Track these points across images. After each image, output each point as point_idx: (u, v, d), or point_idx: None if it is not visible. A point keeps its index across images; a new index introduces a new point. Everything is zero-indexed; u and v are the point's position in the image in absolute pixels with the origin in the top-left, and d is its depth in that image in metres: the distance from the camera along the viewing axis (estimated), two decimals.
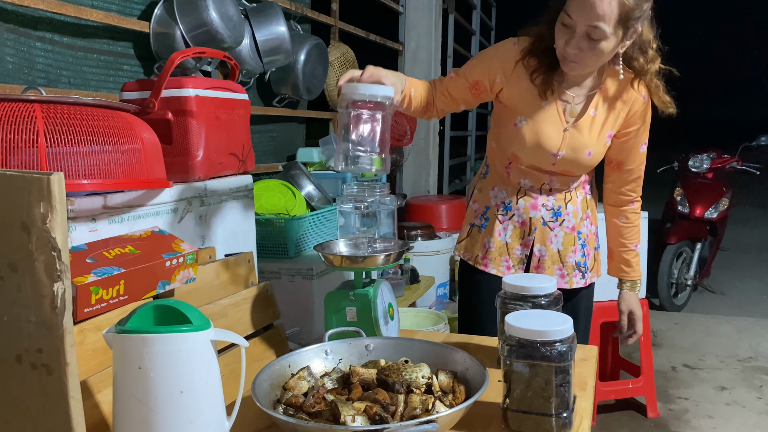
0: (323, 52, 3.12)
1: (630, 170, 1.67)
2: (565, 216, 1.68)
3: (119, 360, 0.85)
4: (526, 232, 1.69)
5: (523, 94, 1.58)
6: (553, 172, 1.64)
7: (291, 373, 1.12)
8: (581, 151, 1.59)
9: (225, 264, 1.41)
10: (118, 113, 1.27)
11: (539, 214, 1.68)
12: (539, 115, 1.58)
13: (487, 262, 1.71)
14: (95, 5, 2.00)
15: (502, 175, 1.71)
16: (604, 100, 1.59)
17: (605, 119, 1.59)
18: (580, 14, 1.41)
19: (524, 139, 1.59)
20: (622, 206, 1.73)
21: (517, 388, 1.03)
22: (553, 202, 1.67)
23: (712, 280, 5.16)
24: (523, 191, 1.68)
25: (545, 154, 1.59)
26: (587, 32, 1.42)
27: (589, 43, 1.43)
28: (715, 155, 4.89)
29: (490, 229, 1.71)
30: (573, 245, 1.69)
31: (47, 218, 0.66)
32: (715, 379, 3.34)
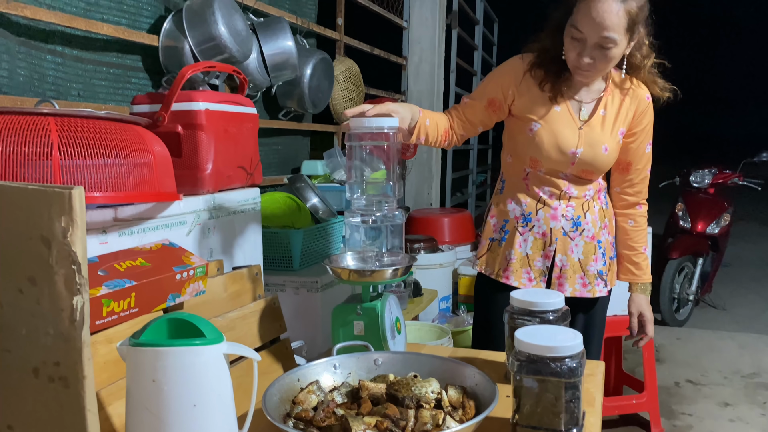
0: (329, 66, 3.15)
1: (638, 170, 1.73)
2: (584, 225, 1.70)
3: (133, 373, 0.85)
4: (547, 243, 1.71)
5: (535, 101, 1.64)
6: (571, 176, 1.67)
7: (300, 387, 1.12)
8: (598, 147, 1.64)
9: (233, 277, 1.41)
10: (129, 126, 1.29)
11: (559, 225, 1.70)
12: (553, 118, 1.64)
13: (509, 275, 1.73)
14: (105, 19, 2.02)
15: (520, 188, 1.73)
16: (612, 101, 1.66)
17: (615, 117, 1.65)
18: (591, 28, 1.47)
19: (542, 142, 1.64)
20: (630, 209, 1.77)
21: (526, 404, 1.03)
22: (572, 212, 1.70)
23: (714, 296, 5.15)
24: (542, 202, 1.70)
25: (564, 154, 1.64)
26: (599, 43, 1.48)
27: (600, 52, 1.50)
28: (716, 171, 4.90)
29: (510, 242, 1.73)
30: (594, 254, 1.71)
31: (68, 232, 0.67)
32: (718, 395, 3.33)
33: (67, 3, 1.89)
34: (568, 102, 1.65)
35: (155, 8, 2.23)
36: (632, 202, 1.77)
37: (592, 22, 1.46)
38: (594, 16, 1.46)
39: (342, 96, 3.50)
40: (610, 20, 1.45)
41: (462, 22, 5.74)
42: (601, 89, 1.66)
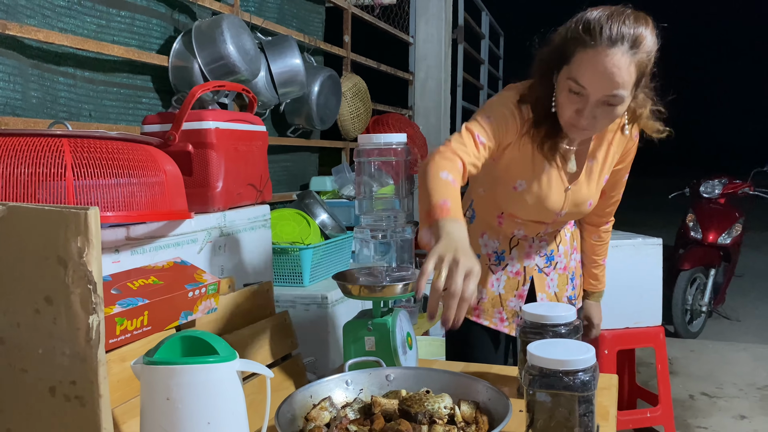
0: (336, 83, 3.17)
1: (612, 196, 1.67)
2: (557, 258, 1.68)
3: (147, 391, 0.85)
4: (521, 282, 1.66)
5: (526, 159, 1.48)
6: (552, 223, 1.62)
7: (313, 403, 1.12)
8: (583, 205, 1.57)
9: (244, 294, 1.42)
10: (141, 146, 1.30)
11: (533, 263, 1.65)
12: (541, 179, 1.50)
13: (480, 314, 1.67)
14: (116, 40, 2.05)
15: (492, 224, 1.64)
16: (599, 147, 1.53)
17: (602, 166, 1.55)
18: (597, 84, 1.28)
19: (525, 203, 1.53)
20: (599, 227, 1.75)
21: (540, 418, 1.02)
22: (545, 247, 1.66)
23: (726, 307, 5.11)
24: (515, 240, 1.64)
25: (548, 213, 1.56)
26: (602, 99, 1.30)
27: (604, 110, 1.32)
28: (726, 181, 4.88)
29: (483, 280, 1.62)
30: (567, 284, 1.71)
31: (84, 252, 0.68)
32: (734, 408, 3.29)
33: (79, 26, 1.92)
34: (557, 156, 1.48)
35: (165, 29, 2.27)
36: (602, 221, 1.74)
37: (598, 77, 1.27)
38: (602, 71, 1.26)
39: (349, 112, 3.52)
40: (620, 77, 1.26)
41: (468, 36, 5.77)
42: (590, 138, 1.50)
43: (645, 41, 1.28)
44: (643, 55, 1.28)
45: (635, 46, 1.27)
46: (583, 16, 1.31)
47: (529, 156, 1.48)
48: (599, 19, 1.28)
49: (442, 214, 1.17)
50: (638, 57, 1.27)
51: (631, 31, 1.26)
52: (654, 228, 5.28)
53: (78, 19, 1.92)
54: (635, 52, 1.27)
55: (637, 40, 1.26)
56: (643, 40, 1.27)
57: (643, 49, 1.28)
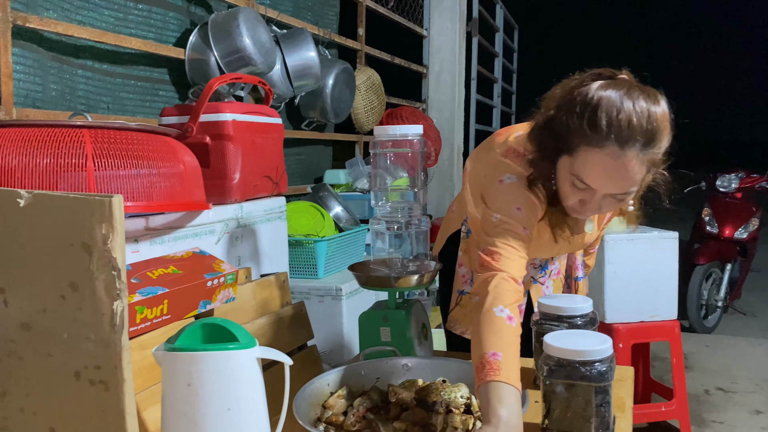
0: (350, 76, 3.17)
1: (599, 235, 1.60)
2: (551, 267, 1.61)
3: (168, 377, 0.87)
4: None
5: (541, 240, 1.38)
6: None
7: (330, 391, 1.14)
8: (581, 246, 1.52)
9: (261, 284, 1.43)
10: (161, 137, 1.32)
11: (528, 276, 1.58)
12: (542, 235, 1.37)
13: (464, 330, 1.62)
14: (133, 33, 2.07)
15: None
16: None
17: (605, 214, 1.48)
18: (606, 185, 1.16)
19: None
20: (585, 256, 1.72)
21: (556, 409, 1.03)
22: (539, 261, 1.58)
23: (742, 302, 5.06)
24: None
25: (547, 255, 1.54)
26: (612, 196, 1.18)
27: (612, 201, 1.20)
28: (743, 174, 4.83)
29: None
30: (561, 288, 1.67)
31: (108, 239, 0.69)
32: (749, 403, 3.27)
33: (97, 18, 1.94)
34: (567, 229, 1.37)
35: (181, 22, 2.28)
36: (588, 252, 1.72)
37: (607, 179, 1.14)
38: (611, 174, 1.13)
39: (363, 105, 3.53)
40: (631, 178, 1.14)
41: (482, 29, 5.75)
42: None
43: (659, 134, 1.12)
44: (657, 150, 1.13)
45: (649, 145, 1.11)
46: (586, 102, 1.13)
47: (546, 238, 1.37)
48: (607, 111, 1.10)
49: (490, 375, 0.98)
50: (651, 155, 1.13)
51: (643, 127, 1.10)
52: (669, 222, 5.23)
53: (96, 12, 1.94)
54: (649, 150, 1.11)
55: (651, 138, 1.11)
56: (656, 133, 1.11)
57: (659, 145, 1.13)
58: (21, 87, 1.66)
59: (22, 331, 0.78)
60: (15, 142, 1.13)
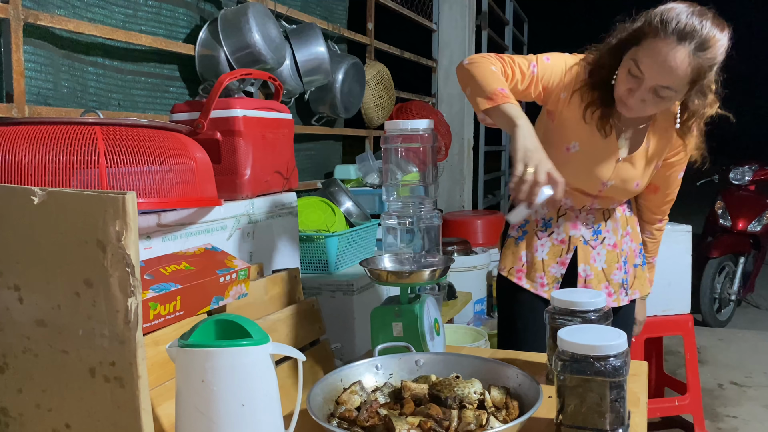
0: (360, 71, 3.17)
1: (667, 194, 1.70)
2: (605, 233, 1.67)
3: (182, 374, 0.87)
4: (564, 250, 1.67)
5: (580, 121, 1.53)
6: (597, 196, 1.64)
7: (343, 387, 1.13)
8: (630, 182, 1.60)
9: (273, 280, 1.43)
10: (172, 134, 1.32)
11: (579, 233, 1.67)
12: (594, 146, 1.55)
13: (522, 276, 1.71)
14: (144, 30, 2.07)
15: None
16: (655, 133, 1.57)
17: (656, 151, 1.59)
18: (653, 71, 1.34)
19: (576, 167, 1.56)
20: (651, 224, 1.76)
21: (571, 404, 1.02)
22: (592, 220, 1.67)
23: (756, 295, 5.03)
24: (563, 209, 1.67)
25: (595, 181, 1.60)
26: (656, 89, 1.36)
27: (654, 98, 1.39)
28: (757, 167, 4.79)
29: (528, 244, 1.70)
30: (617, 262, 1.68)
31: (122, 236, 0.69)
32: (764, 397, 3.25)
33: (108, 16, 1.94)
34: (607, 128, 1.52)
35: (191, 18, 2.28)
36: (655, 218, 1.75)
37: (656, 66, 1.33)
38: (661, 61, 1.32)
39: (373, 100, 3.52)
40: (677, 72, 1.32)
41: (492, 22, 5.71)
42: (647, 125, 1.56)
43: (713, 47, 1.31)
44: (705, 59, 1.31)
45: (701, 49, 1.30)
46: (667, 8, 1.35)
47: (579, 118, 1.53)
48: (678, 13, 1.32)
49: (504, 100, 1.38)
50: (700, 60, 1.31)
51: (702, 32, 1.30)
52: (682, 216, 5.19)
53: (106, 9, 1.94)
54: (699, 54, 1.30)
55: (704, 44, 1.30)
56: (711, 45, 1.31)
57: (708, 54, 1.31)
58: (33, 85, 1.67)
59: (37, 327, 0.78)
60: (28, 139, 1.13)
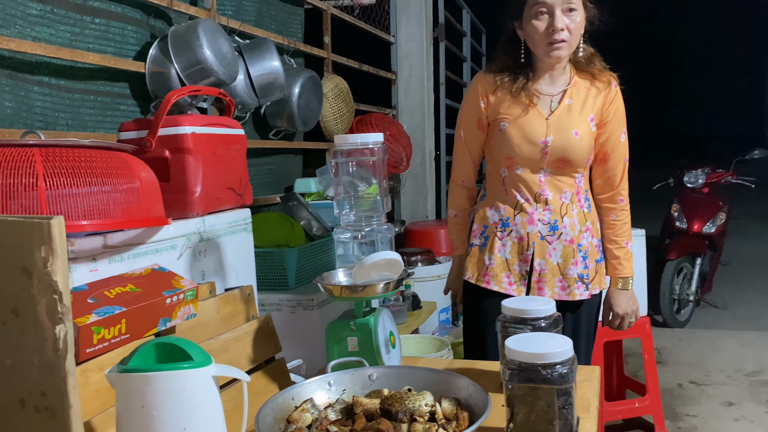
0: (317, 85, 3.17)
1: (616, 159, 1.76)
2: (562, 229, 1.72)
3: (122, 399, 0.85)
4: (524, 247, 1.74)
5: (502, 102, 1.72)
6: (548, 174, 1.71)
7: (294, 405, 1.12)
8: (568, 132, 1.68)
9: (225, 298, 1.41)
10: (115, 153, 1.29)
11: (536, 229, 1.72)
12: (520, 114, 1.70)
13: (489, 279, 1.77)
14: (91, 48, 2.04)
15: (499, 194, 1.78)
16: (578, 91, 1.72)
17: (583, 104, 1.71)
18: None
19: (512, 137, 1.70)
20: (611, 203, 1.80)
21: (520, 412, 1.03)
22: (549, 216, 1.72)
23: (714, 295, 5.15)
24: (519, 207, 1.73)
25: (534, 144, 1.68)
26: (565, 6, 1.60)
27: (569, 17, 1.61)
28: (709, 170, 4.92)
29: (490, 246, 1.77)
30: (573, 257, 1.72)
31: (48, 262, 0.67)
32: (722, 395, 3.32)
33: (53, 34, 1.91)
34: (534, 98, 1.71)
35: (141, 35, 2.25)
36: (612, 194, 1.79)
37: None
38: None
39: (332, 113, 3.52)
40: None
41: (449, 34, 5.78)
42: (567, 82, 1.72)
43: None
44: None
45: None
46: None
47: (504, 99, 1.72)
48: None
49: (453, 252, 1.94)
50: None
51: None
52: (640, 219, 5.29)
53: (51, 27, 1.90)
54: None
55: None
56: None
57: None
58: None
59: None
60: None
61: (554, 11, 1.59)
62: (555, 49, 1.63)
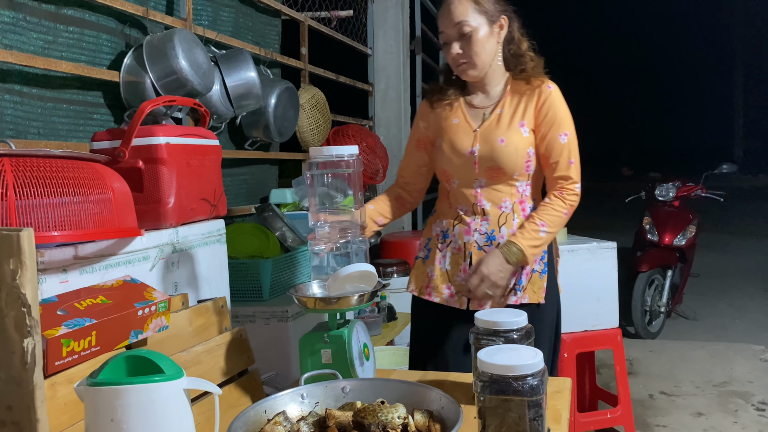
0: (294, 95, 3.17)
1: (556, 163, 1.69)
2: (499, 239, 1.71)
3: (91, 413, 0.84)
4: (462, 257, 1.75)
5: (439, 122, 1.80)
6: (484, 185, 1.72)
7: (267, 418, 1.12)
8: (494, 141, 1.70)
9: (198, 310, 1.41)
10: (87, 164, 1.28)
11: (472, 239, 1.74)
12: (452, 130, 1.77)
13: (431, 291, 1.79)
14: (65, 57, 2.02)
15: (445, 209, 1.82)
16: (511, 101, 1.75)
17: (513, 112, 1.73)
18: (445, 24, 1.69)
19: (443, 151, 1.76)
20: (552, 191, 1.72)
21: (491, 424, 1.04)
22: (486, 227, 1.74)
23: (684, 306, 5.24)
24: (459, 218, 1.77)
25: (462, 155, 1.73)
26: (457, 33, 1.68)
27: (464, 41, 1.68)
28: (680, 183, 5.02)
29: (432, 259, 1.81)
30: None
31: (17, 274, 0.67)
32: (691, 406, 3.37)
33: (25, 42, 1.88)
34: (467, 112, 1.77)
35: (115, 44, 2.24)
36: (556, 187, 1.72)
37: (444, 19, 1.69)
38: (444, 14, 1.69)
39: (309, 124, 3.52)
40: (456, 10, 1.67)
41: (426, 47, 5.83)
42: (500, 94, 1.77)
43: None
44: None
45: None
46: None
47: (440, 119, 1.80)
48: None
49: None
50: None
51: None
52: (612, 231, 5.39)
53: (23, 35, 1.88)
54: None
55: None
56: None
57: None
58: None
59: None
60: None
61: (450, 41, 1.70)
62: (461, 72, 1.73)
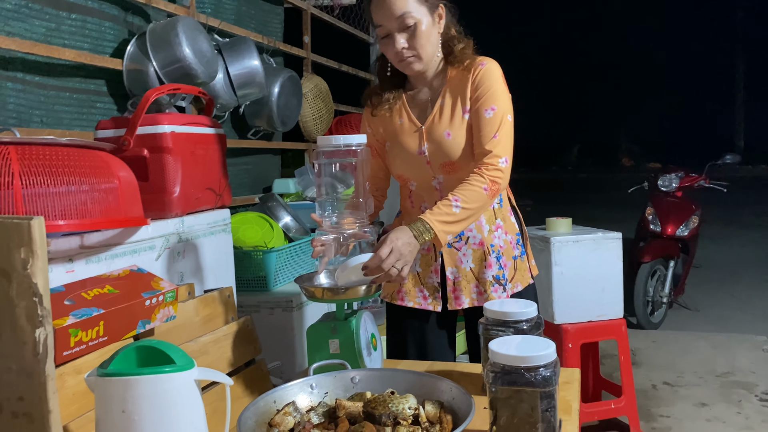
0: (297, 84, 3.15)
1: (479, 137, 1.56)
2: (468, 233, 1.66)
3: (102, 404, 0.83)
4: (432, 258, 1.69)
5: (384, 126, 1.70)
6: (442, 181, 1.64)
7: (276, 409, 1.11)
8: (441, 136, 1.61)
9: (204, 300, 1.40)
10: (93, 152, 1.27)
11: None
12: (397, 131, 1.68)
13: (403, 296, 1.72)
14: (67, 44, 2.00)
15: (408, 210, 1.76)
16: (452, 89, 1.64)
17: (454, 102, 1.62)
18: (384, 17, 1.54)
19: (394, 155, 1.69)
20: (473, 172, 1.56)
21: (503, 415, 1.03)
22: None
23: (686, 297, 5.23)
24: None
25: (414, 156, 1.65)
26: (400, 26, 1.54)
27: (408, 33, 1.55)
28: (683, 174, 5.00)
29: None
30: (485, 260, 1.65)
31: (28, 264, 0.65)
32: (694, 396, 3.37)
33: (27, 29, 1.87)
34: (410, 110, 1.67)
35: (118, 32, 2.22)
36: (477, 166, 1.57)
37: (383, 11, 1.54)
38: (382, 6, 1.54)
39: (311, 113, 3.50)
40: (397, 2, 1.53)
41: None
42: (442, 84, 1.65)
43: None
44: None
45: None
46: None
47: (384, 122, 1.71)
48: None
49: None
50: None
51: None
52: (615, 222, 5.38)
53: (26, 22, 1.86)
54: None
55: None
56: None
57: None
58: None
59: None
60: None
61: (392, 33, 1.56)
62: (406, 66, 1.60)
